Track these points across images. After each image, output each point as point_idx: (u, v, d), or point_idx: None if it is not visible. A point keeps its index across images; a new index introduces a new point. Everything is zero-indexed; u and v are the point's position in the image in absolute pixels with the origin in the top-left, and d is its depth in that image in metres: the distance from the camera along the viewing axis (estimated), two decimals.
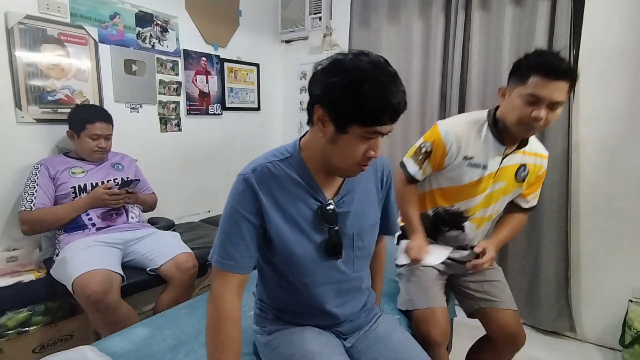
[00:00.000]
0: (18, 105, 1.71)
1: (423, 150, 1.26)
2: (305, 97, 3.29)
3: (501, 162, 1.21)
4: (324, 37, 2.74)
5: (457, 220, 1.30)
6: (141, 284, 1.61)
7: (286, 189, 0.84)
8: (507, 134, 1.17)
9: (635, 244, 1.80)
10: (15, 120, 1.72)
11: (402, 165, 1.34)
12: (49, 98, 1.81)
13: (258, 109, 2.92)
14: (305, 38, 2.86)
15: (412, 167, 1.29)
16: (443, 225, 1.33)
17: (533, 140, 1.26)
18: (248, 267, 0.84)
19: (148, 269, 1.63)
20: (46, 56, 1.78)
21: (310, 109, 0.79)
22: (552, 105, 1.04)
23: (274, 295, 0.95)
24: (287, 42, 2.99)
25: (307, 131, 0.87)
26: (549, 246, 1.95)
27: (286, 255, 0.86)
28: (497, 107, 1.20)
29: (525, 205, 1.33)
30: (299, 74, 2.96)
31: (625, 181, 1.79)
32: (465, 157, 1.21)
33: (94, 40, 1.94)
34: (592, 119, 1.85)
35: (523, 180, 1.25)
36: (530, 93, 1.04)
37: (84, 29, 1.90)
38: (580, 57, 1.84)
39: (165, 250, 1.66)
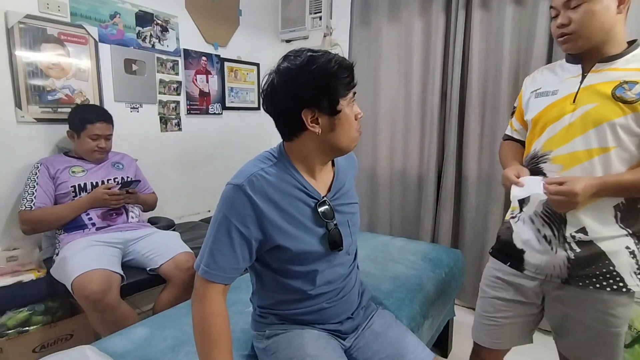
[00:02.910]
0: (18, 104, 1.71)
1: (513, 107, 1.23)
2: None
3: (582, 82, 0.98)
4: (324, 36, 2.74)
5: (535, 163, 1.04)
6: (141, 283, 1.61)
7: (282, 192, 0.85)
8: (588, 53, 0.98)
9: None
10: (16, 119, 1.72)
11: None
12: (49, 97, 1.81)
13: (258, 108, 2.92)
14: (306, 38, 2.85)
15: (507, 129, 1.24)
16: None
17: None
18: (233, 279, 0.86)
19: (148, 269, 1.63)
20: (46, 55, 1.78)
21: (292, 122, 0.84)
22: (569, 4, 0.94)
23: (275, 298, 0.95)
24: (288, 41, 2.99)
25: (283, 143, 0.92)
26: None
27: (295, 254, 0.87)
28: None
29: None
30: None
31: None
32: (533, 90, 1.09)
33: (94, 39, 1.94)
34: None
35: (636, 99, 0.90)
36: (550, 7, 1.01)
37: (84, 28, 1.90)
38: None
39: (165, 249, 1.66)
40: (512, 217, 1.12)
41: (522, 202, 1.08)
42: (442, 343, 1.78)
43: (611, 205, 0.94)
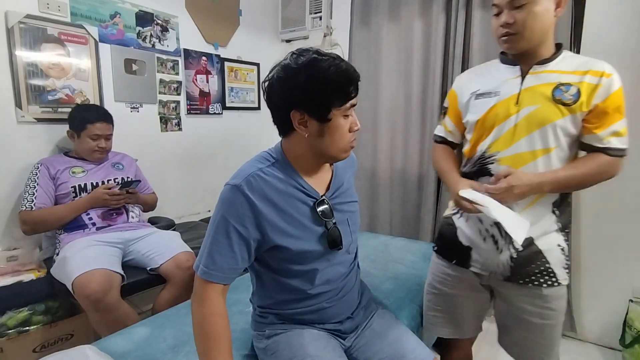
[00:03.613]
0: (18, 104, 1.71)
1: (442, 109, 1.24)
2: None
3: (522, 83, 1.01)
4: (325, 36, 2.74)
5: (481, 165, 1.06)
6: (141, 283, 1.61)
7: (281, 192, 0.85)
8: (524, 55, 1.02)
9: (635, 244, 1.80)
10: (16, 119, 1.72)
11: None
12: (49, 97, 1.81)
13: (258, 108, 2.92)
14: (306, 37, 2.85)
15: (437, 128, 1.25)
16: (470, 179, 1.08)
17: (574, 58, 1.02)
18: (232, 279, 0.86)
19: (148, 268, 1.63)
20: (46, 55, 1.78)
21: (283, 120, 0.84)
22: (512, 4, 0.95)
23: (275, 298, 0.95)
24: (288, 41, 2.99)
25: (281, 140, 0.91)
26: None
27: (295, 253, 0.87)
28: None
29: (598, 145, 0.98)
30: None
31: (625, 181, 1.78)
32: (472, 92, 1.09)
33: (94, 39, 1.94)
34: None
35: (573, 102, 0.96)
36: (492, 4, 1.00)
37: (84, 28, 1.90)
38: None
39: (165, 249, 1.66)
40: (454, 213, 1.15)
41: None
42: (442, 343, 1.78)
43: (550, 202, 1.01)
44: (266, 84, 0.84)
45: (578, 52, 1.83)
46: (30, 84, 1.74)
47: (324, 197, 0.91)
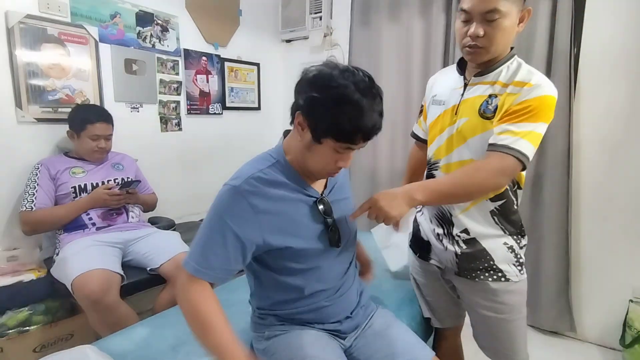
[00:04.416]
0: (18, 104, 1.71)
1: (421, 106, 1.27)
2: None
3: (462, 95, 1.03)
4: (325, 36, 2.74)
5: (429, 169, 1.14)
6: (141, 283, 1.61)
7: (281, 192, 0.85)
8: (470, 65, 1.04)
9: (635, 244, 1.80)
10: (16, 119, 1.72)
11: None
12: (50, 97, 1.81)
13: (258, 108, 2.92)
14: (306, 37, 2.85)
15: (414, 126, 1.32)
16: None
17: (517, 69, 0.97)
18: (223, 279, 0.84)
19: (148, 269, 1.63)
20: (46, 55, 1.78)
21: (292, 111, 0.84)
22: (488, 17, 0.91)
23: (274, 298, 0.95)
24: (288, 41, 2.99)
25: (289, 132, 0.90)
26: (549, 246, 1.94)
27: (295, 251, 0.87)
28: None
29: (491, 141, 0.94)
30: (300, 73, 2.95)
31: (625, 181, 1.79)
32: (432, 97, 1.14)
33: (95, 39, 1.94)
34: (593, 118, 1.85)
35: (493, 114, 0.95)
36: (461, 9, 0.96)
37: (84, 28, 1.90)
38: (581, 57, 1.83)
39: (165, 249, 1.66)
40: (418, 211, 1.25)
41: None
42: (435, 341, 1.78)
43: (487, 211, 1.04)
44: (304, 74, 0.83)
45: (578, 52, 1.83)
46: (31, 84, 1.74)
47: (322, 196, 0.92)
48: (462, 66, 1.08)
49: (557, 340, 2.00)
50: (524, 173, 1.03)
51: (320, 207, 0.90)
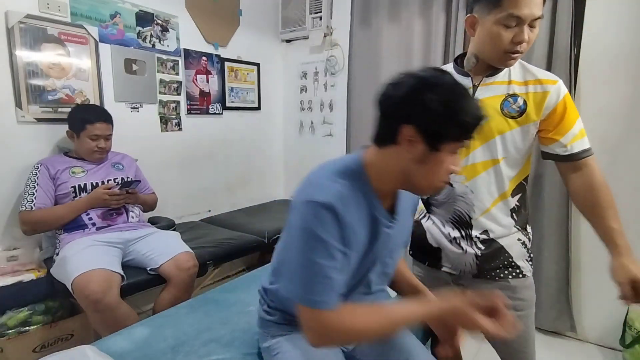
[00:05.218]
0: (18, 104, 1.71)
1: None
2: (306, 97, 3.25)
3: (473, 95, 1.04)
4: (325, 36, 2.74)
5: None
6: (141, 283, 1.61)
7: (357, 210, 0.78)
8: (477, 66, 1.05)
9: (635, 243, 1.79)
10: (16, 119, 1.72)
11: None
12: (50, 97, 1.81)
13: (258, 108, 2.92)
14: (306, 37, 2.85)
15: None
16: None
17: (521, 67, 1.04)
18: (340, 300, 0.77)
19: (148, 269, 1.63)
20: (46, 55, 1.78)
21: (388, 129, 0.75)
22: (532, 23, 0.94)
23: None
24: (288, 41, 2.99)
25: (366, 146, 0.82)
26: (550, 246, 1.94)
27: (350, 267, 0.81)
28: (462, 54, 1.13)
29: (563, 152, 1.02)
30: (300, 73, 2.96)
31: (625, 181, 1.79)
32: None
33: (95, 39, 1.94)
34: (593, 118, 1.84)
35: (519, 114, 1.01)
36: (509, 15, 0.92)
37: (84, 28, 1.90)
38: (581, 57, 1.83)
39: (165, 249, 1.66)
40: (422, 217, 1.20)
41: (429, 205, 1.16)
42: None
43: (509, 209, 1.07)
44: (390, 87, 0.75)
45: (578, 52, 1.83)
46: (30, 84, 1.74)
47: (391, 224, 0.84)
48: (461, 71, 1.08)
49: (557, 340, 2.00)
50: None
51: (388, 231, 0.83)
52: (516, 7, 0.91)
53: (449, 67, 1.12)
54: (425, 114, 0.71)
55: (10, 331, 1.55)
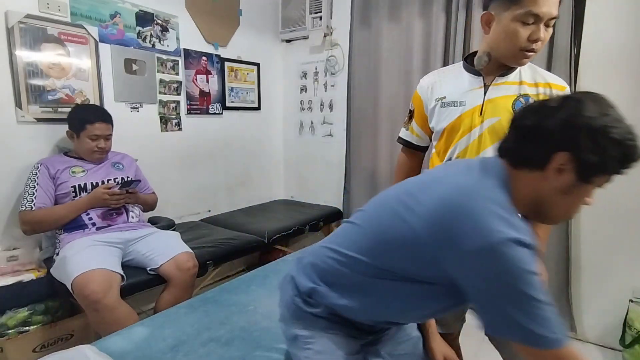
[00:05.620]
0: (18, 104, 1.71)
1: (408, 111, 1.25)
2: (306, 97, 3.24)
3: (485, 95, 1.05)
4: (325, 36, 2.74)
5: None
6: (141, 283, 1.61)
7: None
8: (488, 65, 1.05)
9: (635, 244, 1.80)
10: (16, 119, 1.72)
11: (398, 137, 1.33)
12: (49, 97, 1.81)
13: (258, 108, 2.92)
14: (306, 37, 2.85)
15: (402, 131, 1.29)
16: None
17: (531, 69, 1.06)
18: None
19: (148, 269, 1.63)
20: (46, 55, 1.78)
21: (535, 153, 0.69)
22: (548, 22, 0.94)
23: (356, 309, 0.82)
24: (288, 41, 2.99)
25: (505, 170, 0.74)
26: (549, 246, 1.94)
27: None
28: (472, 53, 1.13)
29: None
30: (300, 73, 2.96)
31: (625, 181, 1.78)
32: (438, 99, 1.12)
33: (94, 39, 1.94)
34: None
35: None
36: (528, 12, 0.92)
37: (84, 28, 1.90)
38: (581, 56, 1.83)
39: (165, 249, 1.66)
40: None
41: None
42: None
43: None
44: (544, 108, 0.70)
45: (578, 52, 1.83)
46: (30, 84, 1.74)
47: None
48: (472, 70, 1.08)
49: None
50: None
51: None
52: (535, 4, 0.92)
53: (458, 66, 1.13)
54: (588, 143, 0.65)
55: (10, 331, 1.55)
